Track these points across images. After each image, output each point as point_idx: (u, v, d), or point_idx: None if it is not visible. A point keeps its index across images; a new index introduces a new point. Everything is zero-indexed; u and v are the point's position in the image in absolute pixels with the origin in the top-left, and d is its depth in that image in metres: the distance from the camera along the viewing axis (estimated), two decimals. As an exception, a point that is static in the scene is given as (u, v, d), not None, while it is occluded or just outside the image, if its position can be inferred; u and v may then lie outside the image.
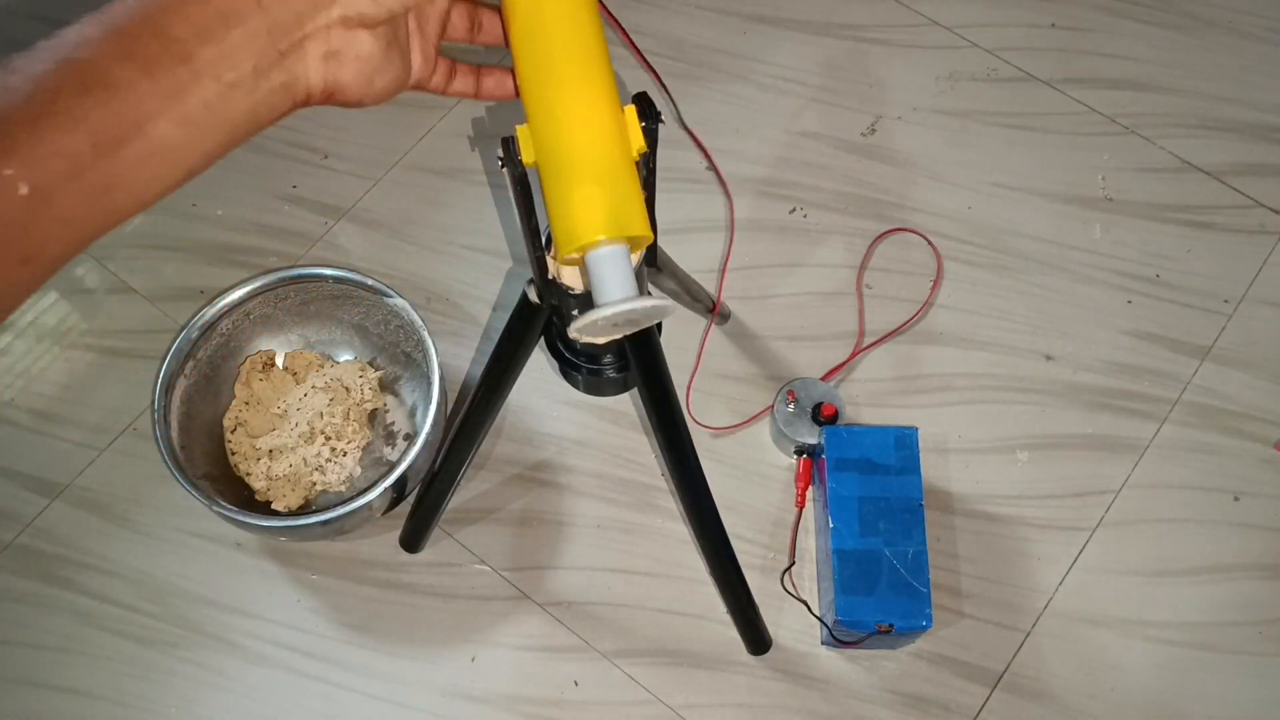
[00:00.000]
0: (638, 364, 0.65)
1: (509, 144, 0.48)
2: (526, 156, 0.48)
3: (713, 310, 0.90)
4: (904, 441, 0.83)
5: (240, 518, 0.79)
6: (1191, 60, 1.08)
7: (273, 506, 0.86)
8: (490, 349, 0.96)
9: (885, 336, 0.96)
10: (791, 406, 0.89)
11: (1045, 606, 0.87)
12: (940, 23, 1.10)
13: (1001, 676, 0.84)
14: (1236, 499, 0.90)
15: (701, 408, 0.93)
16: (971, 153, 1.04)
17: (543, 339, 0.68)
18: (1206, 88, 1.06)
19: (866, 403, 0.93)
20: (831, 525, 0.80)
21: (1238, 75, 1.07)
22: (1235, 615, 0.86)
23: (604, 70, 0.47)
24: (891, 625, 0.77)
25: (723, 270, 0.78)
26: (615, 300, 0.47)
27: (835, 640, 0.83)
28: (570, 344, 0.67)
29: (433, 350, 0.83)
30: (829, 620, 0.82)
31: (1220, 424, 0.93)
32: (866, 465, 0.82)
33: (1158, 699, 0.84)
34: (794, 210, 1.01)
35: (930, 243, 0.99)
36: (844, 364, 0.94)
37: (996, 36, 1.09)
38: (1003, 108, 1.06)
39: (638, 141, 0.50)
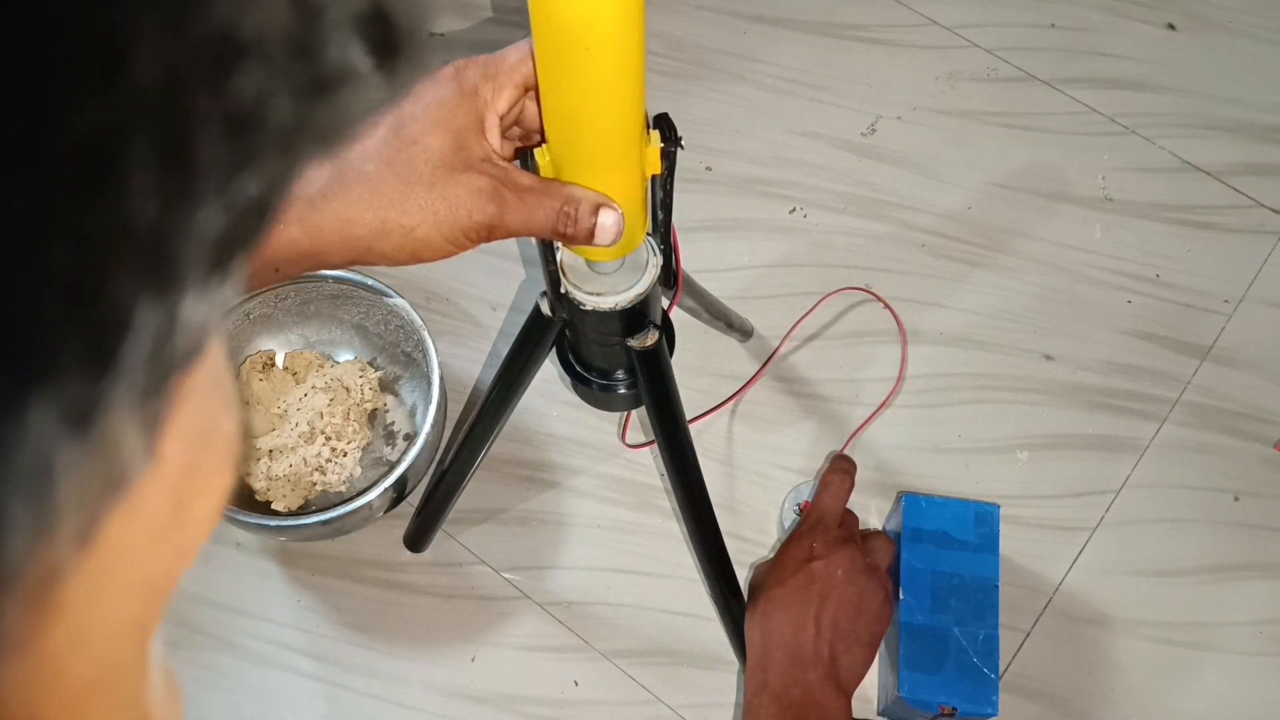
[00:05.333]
0: (645, 382, 0.65)
1: (527, 157, 0.48)
2: (544, 174, 0.49)
3: (733, 326, 0.90)
4: (985, 519, 0.81)
5: (240, 518, 0.79)
6: (1191, 60, 1.08)
7: (273, 506, 0.86)
8: (490, 348, 0.97)
9: (869, 419, 0.96)
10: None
11: (1045, 606, 0.87)
12: (940, 23, 1.10)
13: (1001, 677, 0.84)
14: (1236, 499, 0.90)
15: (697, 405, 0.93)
16: (971, 153, 1.04)
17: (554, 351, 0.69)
18: (1206, 88, 1.06)
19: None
20: (901, 598, 0.79)
21: (1238, 75, 1.07)
22: (1235, 615, 0.86)
23: (636, 95, 0.45)
24: (955, 709, 0.75)
25: (674, 295, 0.79)
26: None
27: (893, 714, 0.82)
28: (582, 358, 0.67)
29: (433, 350, 0.83)
30: (889, 695, 0.80)
31: (1220, 424, 0.93)
32: (943, 539, 0.80)
33: (1158, 699, 0.84)
34: (794, 210, 1.01)
35: (885, 303, 0.99)
36: (844, 447, 0.93)
37: (996, 36, 1.09)
38: (1003, 108, 1.06)
39: (654, 165, 0.50)
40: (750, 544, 0.89)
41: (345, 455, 0.89)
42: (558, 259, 0.56)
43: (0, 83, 0.11)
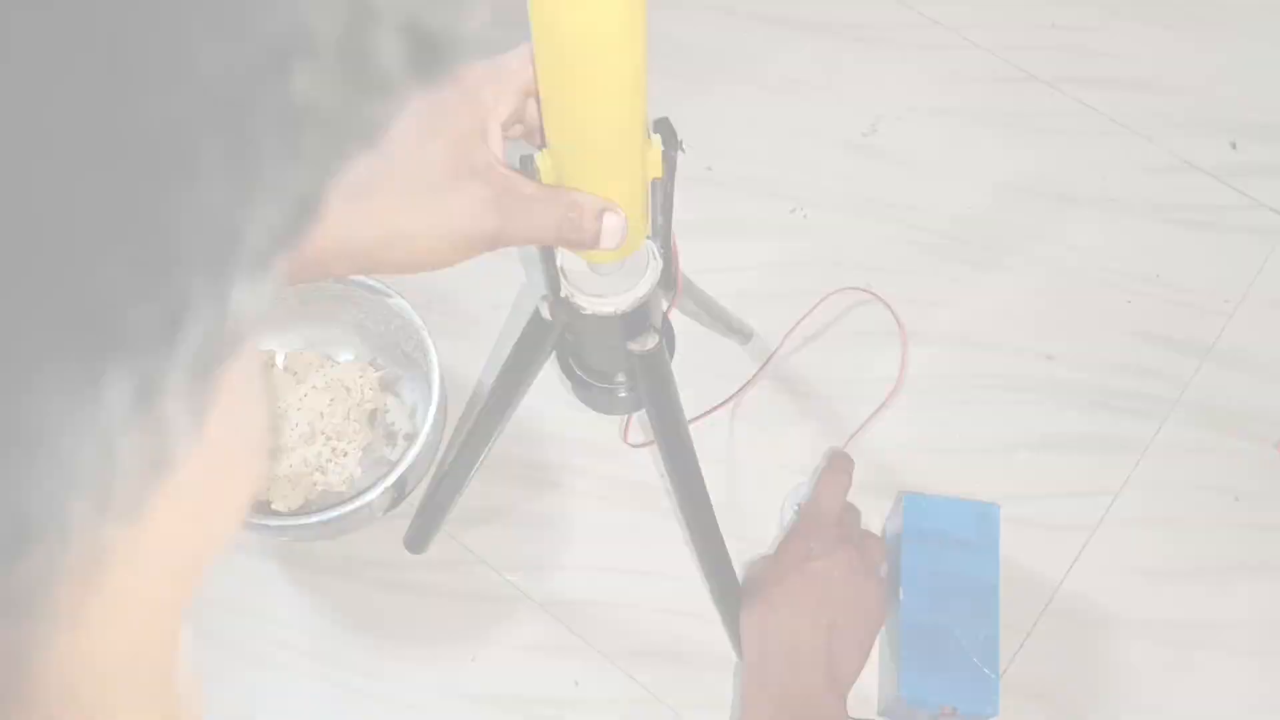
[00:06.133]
0: (646, 386, 0.65)
1: (528, 163, 0.48)
2: (546, 179, 0.49)
3: (737, 330, 0.90)
4: (984, 519, 0.81)
5: (240, 518, 0.79)
6: (1191, 60, 1.08)
7: (273, 506, 0.86)
8: (491, 348, 0.97)
9: (870, 418, 0.96)
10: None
11: (1045, 606, 0.87)
12: (940, 22, 1.10)
13: (1001, 677, 0.84)
14: (1237, 499, 0.90)
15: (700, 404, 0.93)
16: (972, 153, 1.04)
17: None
18: (1207, 88, 1.06)
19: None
20: (901, 598, 0.79)
21: (1238, 75, 1.07)
22: (1235, 615, 0.86)
23: (638, 102, 0.45)
24: (955, 709, 0.75)
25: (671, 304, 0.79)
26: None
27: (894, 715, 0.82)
28: (583, 362, 0.67)
29: (433, 350, 0.83)
30: (889, 695, 0.80)
31: (1220, 424, 0.93)
32: (943, 539, 0.80)
33: (1158, 699, 0.84)
34: (794, 210, 1.01)
35: (885, 303, 0.98)
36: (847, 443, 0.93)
37: (996, 36, 1.09)
38: (1003, 108, 1.06)
39: (655, 169, 0.50)
40: (750, 544, 0.89)
41: (345, 455, 0.89)
42: (558, 262, 0.56)
43: (81, 75, 0.12)
